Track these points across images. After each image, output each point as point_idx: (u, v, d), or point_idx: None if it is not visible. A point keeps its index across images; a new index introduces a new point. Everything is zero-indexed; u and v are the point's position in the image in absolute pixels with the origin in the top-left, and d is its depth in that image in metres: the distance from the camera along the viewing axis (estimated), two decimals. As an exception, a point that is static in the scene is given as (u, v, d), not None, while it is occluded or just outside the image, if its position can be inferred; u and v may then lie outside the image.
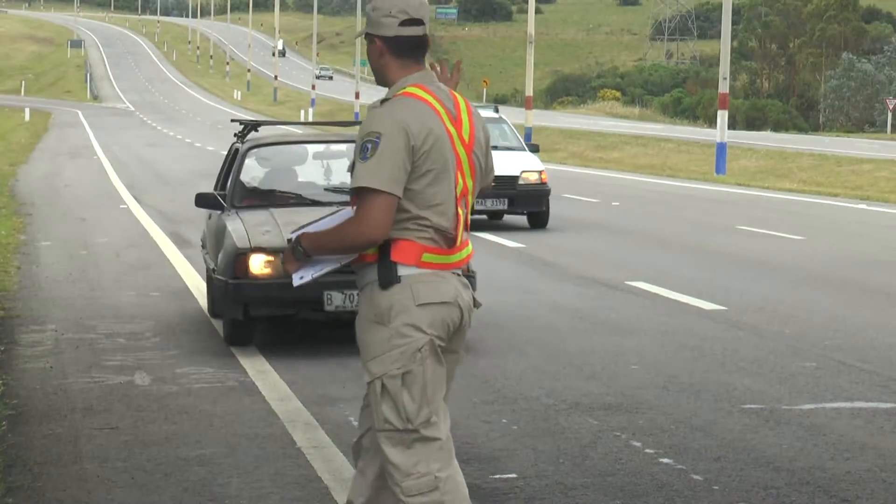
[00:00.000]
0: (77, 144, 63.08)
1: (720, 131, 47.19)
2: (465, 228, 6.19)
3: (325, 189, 14.55)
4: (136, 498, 8.45)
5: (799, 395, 11.30)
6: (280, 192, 14.67)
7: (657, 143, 63.11)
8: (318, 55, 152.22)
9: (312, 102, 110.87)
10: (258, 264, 12.76)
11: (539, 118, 75.13)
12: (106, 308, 15.90)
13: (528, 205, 25.82)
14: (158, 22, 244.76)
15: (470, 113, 6.18)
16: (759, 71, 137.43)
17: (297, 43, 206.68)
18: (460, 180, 6.14)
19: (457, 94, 6.20)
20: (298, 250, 6.11)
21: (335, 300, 12.63)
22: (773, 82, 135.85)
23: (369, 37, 6.17)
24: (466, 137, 6.14)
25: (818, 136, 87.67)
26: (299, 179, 15.01)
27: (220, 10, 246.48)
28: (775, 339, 13.93)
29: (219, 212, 14.29)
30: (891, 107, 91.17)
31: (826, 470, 9.06)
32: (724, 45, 47.39)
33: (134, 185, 37.22)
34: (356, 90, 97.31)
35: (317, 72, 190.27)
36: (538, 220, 25.87)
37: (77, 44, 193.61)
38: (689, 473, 8.99)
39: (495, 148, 22.74)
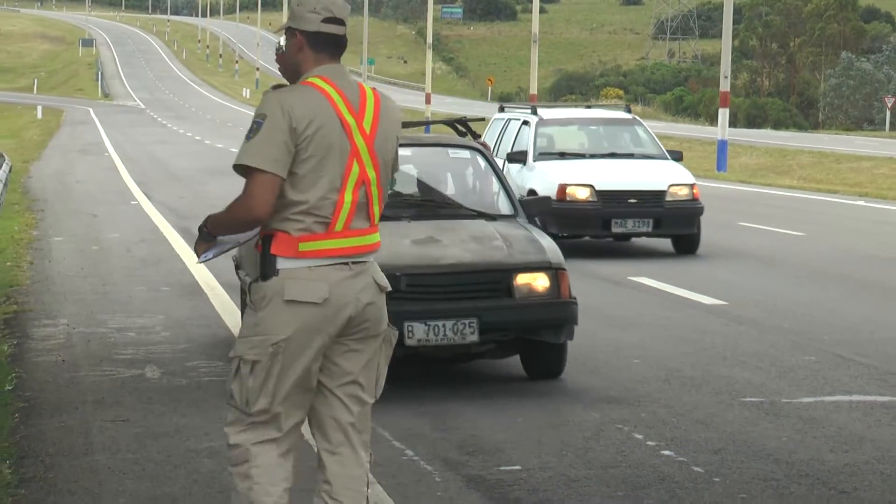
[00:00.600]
0: (89, 141, 63.06)
1: (721, 129, 47.16)
2: (368, 218, 6.26)
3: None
4: (146, 489, 8.46)
5: (798, 389, 11.31)
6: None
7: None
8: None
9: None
10: None
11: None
12: (117, 303, 15.92)
13: (677, 226, 20.89)
14: (168, 21, 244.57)
15: (377, 106, 6.27)
16: (759, 70, 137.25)
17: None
18: (356, 168, 6.21)
19: (367, 89, 6.30)
20: (203, 231, 6.31)
21: (417, 332, 10.89)
22: (774, 81, 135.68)
23: (290, 31, 6.32)
24: (368, 129, 6.23)
25: (818, 133, 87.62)
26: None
27: (229, 10, 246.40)
28: (775, 334, 13.93)
29: None
30: (889, 105, 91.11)
31: (825, 462, 9.07)
32: (725, 45, 47.35)
33: (144, 181, 37.22)
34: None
35: None
36: (687, 245, 21.06)
37: (88, 42, 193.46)
38: (689, 465, 9.00)
39: (630, 156, 22.50)
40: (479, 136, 13.29)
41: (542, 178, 20.87)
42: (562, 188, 20.42)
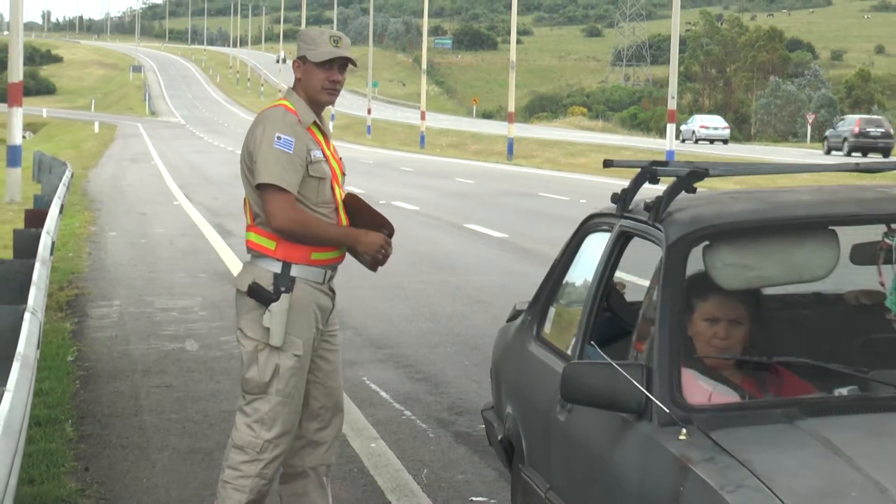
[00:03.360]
0: (138, 152, 63.03)
1: (669, 141, 47.24)
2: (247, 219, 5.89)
3: None
4: (186, 444, 8.45)
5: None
6: None
7: (617, 151, 63.04)
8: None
9: (332, 117, 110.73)
10: None
11: (519, 130, 75.07)
12: (161, 287, 15.91)
13: None
14: (205, 50, 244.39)
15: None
16: (701, 91, 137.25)
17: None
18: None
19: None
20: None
21: None
22: (713, 100, 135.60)
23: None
24: None
25: (751, 145, 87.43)
26: None
27: (256, 41, 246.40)
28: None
29: None
30: (810, 121, 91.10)
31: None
32: (672, 70, 47.40)
33: (185, 185, 37.21)
34: (368, 107, 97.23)
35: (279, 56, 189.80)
36: None
37: (137, 69, 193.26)
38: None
39: None
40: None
41: None
42: None
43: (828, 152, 60.96)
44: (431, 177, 43.41)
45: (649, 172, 5.19)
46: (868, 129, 59.17)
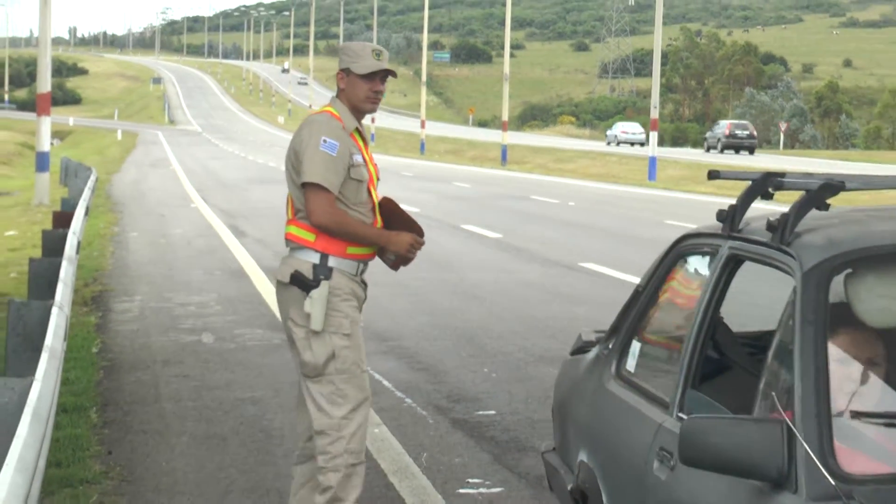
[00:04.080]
0: (157, 158, 62.97)
1: (651, 148, 47.20)
2: (289, 214, 5.86)
3: None
4: (203, 429, 8.44)
5: (712, 351, 11.29)
6: None
7: (603, 157, 63.02)
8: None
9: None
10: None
11: (512, 138, 75.08)
12: (180, 283, 15.90)
13: None
14: (220, 63, 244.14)
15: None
16: (681, 101, 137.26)
17: (326, 79, 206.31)
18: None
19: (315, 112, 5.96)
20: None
21: None
22: (693, 110, 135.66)
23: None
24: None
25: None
26: None
27: (267, 55, 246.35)
28: (694, 308, 13.91)
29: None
30: (783, 129, 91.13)
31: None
32: (655, 82, 47.38)
33: (201, 188, 37.16)
34: (372, 116, 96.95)
35: (297, 77, 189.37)
36: None
37: (157, 80, 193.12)
38: (627, 411, 8.99)
39: None
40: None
41: None
42: None
43: (707, 150, 69.18)
44: (431, 181, 43.40)
45: (765, 186, 4.30)
46: (736, 132, 67.21)
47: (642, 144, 79.09)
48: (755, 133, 67.03)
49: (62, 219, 15.93)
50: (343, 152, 5.73)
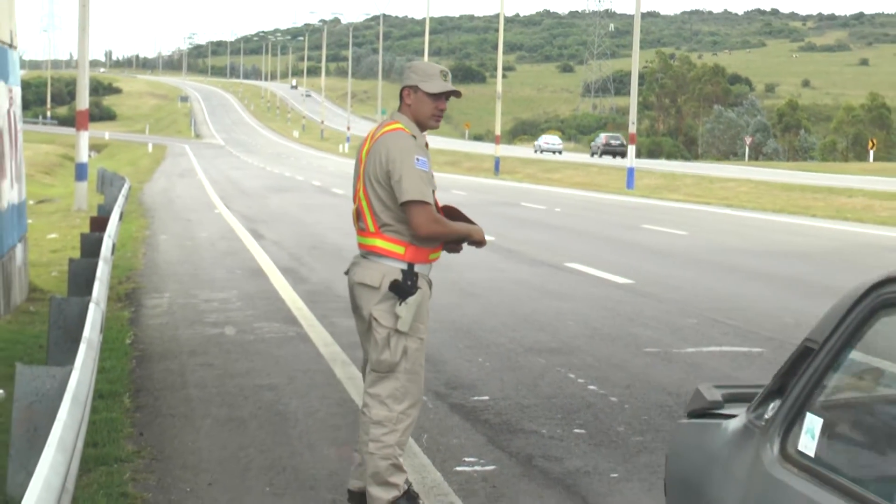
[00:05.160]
0: (185, 168, 62.94)
1: (630, 159, 47.19)
2: (360, 220, 5.75)
3: None
4: (225, 413, 8.44)
5: (685, 342, 11.30)
6: None
7: (586, 168, 62.98)
8: (350, 107, 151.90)
9: (348, 139, 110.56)
10: None
11: (504, 150, 75.09)
12: (204, 282, 15.88)
13: None
14: (241, 83, 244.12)
15: (372, 139, 5.74)
16: (656, 118, 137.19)
17: (336, 98, 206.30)
18: (356, 183, 5.88)
19: (382, 127, 5.82)
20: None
21: None
22: (667, 125, 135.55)
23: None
24: (363, 156, 5.80)
25: (698, 162, 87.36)
26: None
27: (283, 75, 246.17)
28: (668, 304, 13.93)
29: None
30: (748, 143, 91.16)
31: (703, 394, 9.04)
32: (633, 100, 47.38)
33: (224, 196, 37.15)
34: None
35: (301, 91, 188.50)
36: None
37: (185, 99, 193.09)
38: (608, 396, 8.99)
39: None
40: None
41: None
42: None
43: (592, 156, 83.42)
44: (431, 189, 43.34)
45: None
46: (611, 142, 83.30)
47: (560, 153, 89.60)
48: (625, 142, 73.95)
49: (98, 223, 15.90)
50: (430, 166, 5.76)
